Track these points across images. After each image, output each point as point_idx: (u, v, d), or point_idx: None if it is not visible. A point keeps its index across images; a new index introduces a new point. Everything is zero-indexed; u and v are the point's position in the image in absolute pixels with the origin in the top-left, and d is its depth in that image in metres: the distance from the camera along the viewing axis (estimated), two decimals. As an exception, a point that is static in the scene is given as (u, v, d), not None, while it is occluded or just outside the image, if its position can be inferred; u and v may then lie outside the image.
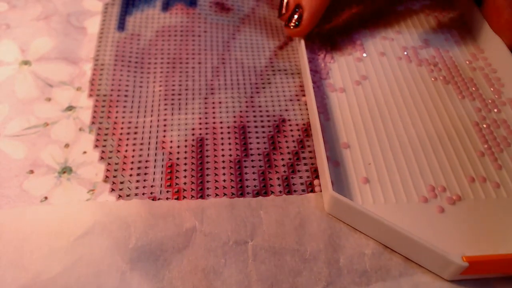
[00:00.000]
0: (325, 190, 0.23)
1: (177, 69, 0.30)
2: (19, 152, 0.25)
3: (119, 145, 0.26)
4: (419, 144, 0.26)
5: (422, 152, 0.25)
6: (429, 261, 0.21)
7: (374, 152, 0.25)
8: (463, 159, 0.25)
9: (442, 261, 0.20)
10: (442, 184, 0.24)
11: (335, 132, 0.26)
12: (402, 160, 0.25)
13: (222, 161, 0.25)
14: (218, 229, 0.22)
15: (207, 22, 0.33)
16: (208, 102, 0.28)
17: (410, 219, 0.23)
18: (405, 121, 0.27)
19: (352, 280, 0.21)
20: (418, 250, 0.21)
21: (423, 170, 0.25)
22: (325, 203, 0.23)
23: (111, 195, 0.23)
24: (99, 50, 0.31)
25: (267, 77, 0.30)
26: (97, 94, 0.28)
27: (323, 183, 0.23)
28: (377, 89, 0.29)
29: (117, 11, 0.33)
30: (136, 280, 0.21)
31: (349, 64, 0.30)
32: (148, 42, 0.32)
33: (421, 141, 0.26)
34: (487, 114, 0.27)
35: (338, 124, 0.27)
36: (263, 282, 0.21)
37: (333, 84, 0.29)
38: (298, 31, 0.29)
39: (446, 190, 0.24)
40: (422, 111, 0.28)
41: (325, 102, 0.28)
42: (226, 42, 0.32)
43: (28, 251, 0.21)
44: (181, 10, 0.34)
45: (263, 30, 0.33)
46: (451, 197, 0.23)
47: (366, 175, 0.24)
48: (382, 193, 0.24)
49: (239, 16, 0.34)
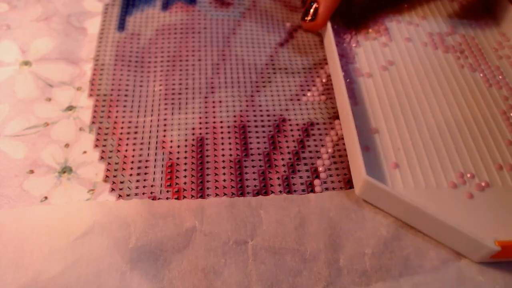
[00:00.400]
0: (357, 174, 0.23)
1: (177, 67, 0.30)
2: (19, 152, 0.25)
3: (119, 145, 0.26)
4: (447, 131, 0.26)
5: (450, 138, 0.26)
6: (461, 244, 0.21)
7: (403, 137, 0.26)
8: (491, 147, 0.26)
9: (475, 245, 0.21)
10: (470, 171, 0.25)
11: (363, 117, 0.26)
12: (431, 146, 0.25)
13: (222, 161, 0.25)
14: (218, 229, 0.22)
15: (207, 19, 0.33)
16: (208, 101, 0.28)
17: (440, 204, 0.23)
18: (433, 107, 0.27)
19: (352, 280, 0.21)
20: (450, 234, 0.21)
21: (451, 156, 0.25)
22: (356, 187, 0.23)
23: (111, 195, 0.23)
24: (99, 50, 0.31)
25: (267, 75, 0.30)
26: (97, 94, 0.28)
27: (355, 168, 0.24)
28: (404, 75, 0.29)
29: (117, 11, 0.33)
30: (136, 280, 0.21)
31: (374, 49, 0.30)
32: (148, 41, 0.32)
33: (449, 127, 0.26)
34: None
35: (366, 109, 0.27)
36: (263, 282, 0.21)
37: (359, 69, 0.29)
38: (314, 25, 0.30)
39: (475, 177, 0.24)
40: (450, 98, 0.28)
41: (353, 87, 0.28)
42: (226, 37, 0.32)
43: (28, 251, 0.21)
44: (181, 8, 0.34)
45: (264, 24, 0.33)
46: (479, 183, 0.24)
47: (396, 160, 0.25)
48: (412, 178, 0.24)
49: (239, 11, 0.34)
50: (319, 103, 0.28)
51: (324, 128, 0.27)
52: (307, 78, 0.30)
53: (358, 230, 0.23)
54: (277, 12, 0.34)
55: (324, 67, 0.31)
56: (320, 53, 0.32)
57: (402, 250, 0.22)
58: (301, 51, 0.32)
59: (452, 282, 0.21)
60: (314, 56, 0.31)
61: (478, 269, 0.22)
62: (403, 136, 0.26)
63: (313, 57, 0.31)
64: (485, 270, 0.22)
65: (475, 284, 0.21)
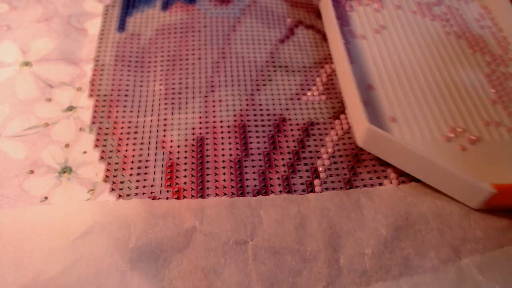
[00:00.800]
0: (359, 124, 0.25)
1: (177, 66, 0.30)
2: (19, 152, 0.25)
3: (119, 145, 0.26)
4: (436, 90, 0.28)
5: (440, 97, 0.28)
6: (459, 190, 0.23)
7: (396, 94, 0.28)
8: (477, 106, 0.28)
9: (472, 189, 0.22)
10: (461, 126, 0.26)
11: (359, 75, 0.28)
12: (423, 103, 0.27)
13: (222, 161, 0.25)
14: (218, 229, 0.22)
15: (207, 17, 0.33)
16: (208, 100, 0.28)
17: (436, 155, 0.25)
18: (423, 69, 0.29)
19: (352, 280, 0.21)
20: (449, 180, 0.23)
21: (442, 112, 0.27)
22: (357, 137, 0.25)
23: (111, 194, 0.23)
24: (100, 51, 0.31)
25: (267, 73, 0.30)
26: (97, 94, 0.28)
27: (355, 119, 0.25)
28: (395, 38, 0.31)
29: (117, 12, 0.33)
30: (136, 280, 0.21)
31: (367, 14, 0.33)
32: (148, 41, 0.32)
33: (438, 87, 0.28)
34: (496, 68, 0.30)
35: (362, 68, 0.29)
36: (263, 282, 0.21)
37: (354, 31, 0.31)
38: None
39: (466, 132, 0.26)
40: (438, 62, 0.30)
41: (348, 47, 0.30)
42: (226, 35, 0.32)
43: (28, 251, 0.21)
44: (180, 7, 0.34)
45: (265, 20, 0.33)
46: (470, 137, 0.26)
47: (392, 115, 0.26)
48: (409, 131, 0.26)
49: (239, 7, 0.34)
50: (319, 102, 0.28)
51: (324, 128, 0.27)
52: (308, 77, 0.30)
53: (358, 230, 0.23)
54: (278, 7, 0.34)
55: (325, 66, 0.31)
56: (321, 51, 0.32)
57: (402, 250, 0.22)
58: (302, 49, 0.32)
59: (452, 282, 0.21)
60: (314, 54, 0.31)
61: (478, 269, 0.22)
62: (397, 93, 0.28)
63: (314, 55, 0.31)
64: (485, 270, 0.22)
65: (475, 284, 0.21)
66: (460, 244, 0.22)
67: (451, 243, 0.22)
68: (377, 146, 0.24)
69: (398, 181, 0.25)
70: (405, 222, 0.23)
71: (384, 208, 0.23)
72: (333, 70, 0.30)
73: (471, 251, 0.22)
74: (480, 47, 0.31)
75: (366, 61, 0.29)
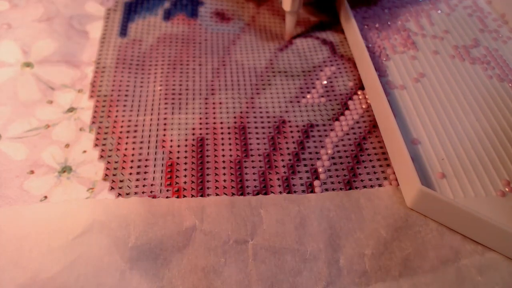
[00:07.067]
0: (409, 184, 0.23)
1: (178, 70, 0.30)
2: (20, 153, 0.25)
3: (119, 144, 0.26)
4: (486, 140, 0.26)
5: (491, 147, 0.26)
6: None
7: (445, 147, 0.26)
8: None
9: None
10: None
11: (403, 129, 0.27)
12: (474, 155, 0.25)
13: (222, 161, 0.25)
14: (218, 228, 0.22)
15: (207, 32, 0.34)
16: (209, 102, 0.28)
17: (491, 212, 0.23)
18: (469, 117, 0.28)
19: (352, 280, 0.21)
20: (509, 242, 0.21)
21: (495, 164, 0.25)
22: (407, 198, 0.23)
23: (111, 193, 0.23)
24: (101, 54, 0.31)
25: (267, 78, 0.30)
26: (97, 94, 0.28)
27: (404, 178, 0.24)
28: (437, 86, 0.29)
29: (119, 17, 0.34)
30: (136, 279, 0.20)
31: (404, 62, 0.31)
32: (150, 47, 0.32)
33: (488, 136, 0.26)
34: None
35: (405, 120, 0.27)
36: (263, 282, 0.21)
37: (392, 82, 0.30)
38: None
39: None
40: (483, 108, 0.28)
41: (388, 99, 0.28)
42: (226, 47, 0.33)
43: (27, 249, 0.21)
44: (182, 20, 0.34)
45: (263, 36, 0.34)
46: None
47: (441, 170, 0.25)
48: (460, 188, 0.24)
49: (239, 26, 0.35)
50: (318, 105, 0.29)
51: (323, 129, 0.27)
52: (307, 81, 0.30)
53: (358, 230, 0.23)
54: (276, 26, 0.35)
55: (324, 69, 0.31)
56: (320, 55, 0.32)
57: (401, 250, 0.22)
58: (301, 55, 0.32)
59: (452, 282, 0.21)
60: (314, 58, 0.32)
61: (478, 269, 0.22)
62: (445, 146, 0.26)
63: (313, 60, 0.32)
64: (485, 270, 0.22)
65: (474, 284, 0.21)
66: (460, 245, 0.22)
67: (450, 244, 0.22)
68: (429, 207, 0.22)
69: (397, 182, 0.25)
70: (404, 223, 0.23)
71: (383, 209, 0.24)
72: (333, 73, 0.30)
73: (471, 252, 0.22)
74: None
75: (409, 113, 0.27)
